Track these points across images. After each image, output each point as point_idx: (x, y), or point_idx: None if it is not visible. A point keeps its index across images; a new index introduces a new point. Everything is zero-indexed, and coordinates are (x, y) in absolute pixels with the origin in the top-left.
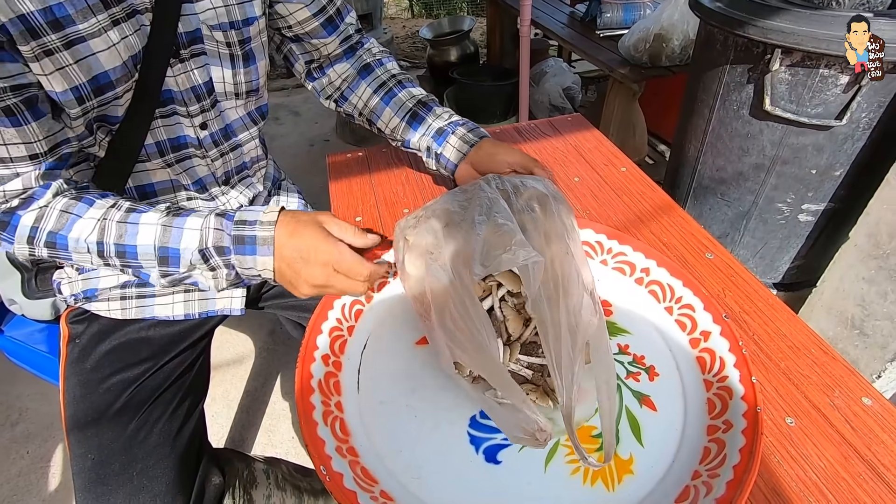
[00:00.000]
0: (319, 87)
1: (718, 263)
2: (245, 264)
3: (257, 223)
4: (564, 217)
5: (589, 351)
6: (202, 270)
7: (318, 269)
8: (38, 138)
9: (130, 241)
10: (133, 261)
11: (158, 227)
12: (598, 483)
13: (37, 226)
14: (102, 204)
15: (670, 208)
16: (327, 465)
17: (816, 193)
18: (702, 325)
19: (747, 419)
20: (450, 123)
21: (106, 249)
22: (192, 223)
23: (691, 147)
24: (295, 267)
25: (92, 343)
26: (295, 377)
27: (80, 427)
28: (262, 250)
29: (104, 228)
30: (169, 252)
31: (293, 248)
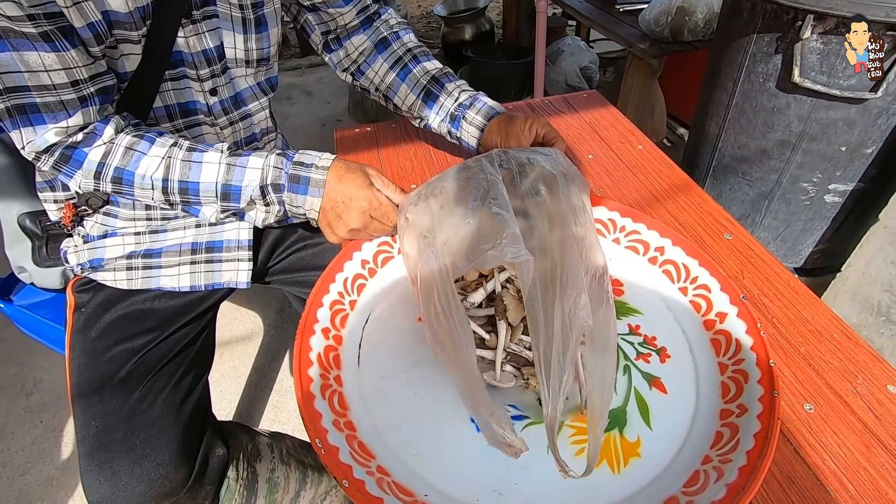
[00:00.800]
0: (336, 60)
1: (737, 244)
2: (295, 202)
3: (313, 167)
4: (574, 198)
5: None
6: (259, 205)
7: (357, 215)
8: (77, 64)
9: (194, 179)
10: (193, 197)
11: (222, 166)
12: (604, 465)
13: (104, 161)
14: (163, 142)
15: (688, 187)
16: (323, 438)
17: (845, 172)
18: (718, 306)
19: (763, 404)
20: (459, 106)
21: (170, 186)
22: (254, 162)
23: (712, 123)
24: (337, 210)
25: (97, 312)
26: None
27: (84, 395)
28: (313, 192)
29: (169, 166)
30: (231, 189)
31: (339, 193)
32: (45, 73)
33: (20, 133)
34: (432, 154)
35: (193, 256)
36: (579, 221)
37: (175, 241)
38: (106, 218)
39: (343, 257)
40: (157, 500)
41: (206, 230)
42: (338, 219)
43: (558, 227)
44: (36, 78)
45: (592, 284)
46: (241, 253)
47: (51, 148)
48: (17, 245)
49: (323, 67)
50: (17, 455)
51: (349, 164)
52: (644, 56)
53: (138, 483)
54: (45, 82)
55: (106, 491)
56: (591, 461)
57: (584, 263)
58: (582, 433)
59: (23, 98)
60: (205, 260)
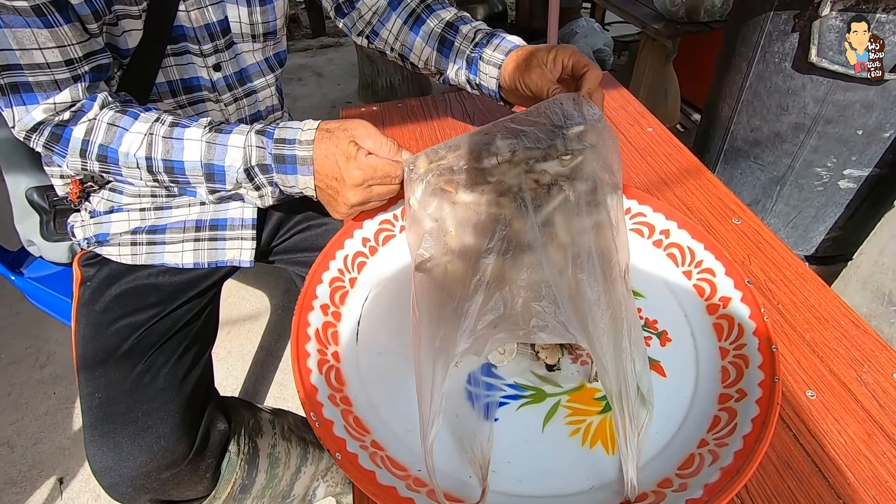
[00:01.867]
0: (350, 24)
1: (745, 229)
2: (287, 183)
3: (296, 143)
4: (611, 207)
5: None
6: (248, 189)
7: (353, 191)
8: (72, 42)
9: (178, 157)
10: (181, 177)
11: (203, 144)
12: (598, 445)
13: (88, 138)
14: (147, 117)
15: (698, 171)
16: (318, 412)
17: (861, 157)
18: (722, 290)
19: (763, 389)
20: (476, 47)
21: (154, 165)
22: (235, 140)
23: (725, 106)
24: (331, 190)
25: (102, 286)
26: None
27: (88, 367)
28: (303, 170)
29: (151, 143)
30: (214, 169)
31: (329, 170)
32: (39, 52)
33: (12, 111)
34: (438, 135)
35: (197, 234)
36: (614, 237)
37: (179, 218)
38: (112, 194)
39: (344, 234)
40: (159, 472)
41: (210, 208)
42: (334, 198)
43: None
44: (29, 56)
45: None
46: (244, 232)
47: (39, 126)
48: (26, 219)
49: (334, 49)
50: (30, 425)
51: (333, 132)
52: (658, 37)
53: (140, 454)
54: (39, 60)
55: (108, 461)
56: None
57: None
58: (578, 413)
59: (15, 77)
60: (208, 238)
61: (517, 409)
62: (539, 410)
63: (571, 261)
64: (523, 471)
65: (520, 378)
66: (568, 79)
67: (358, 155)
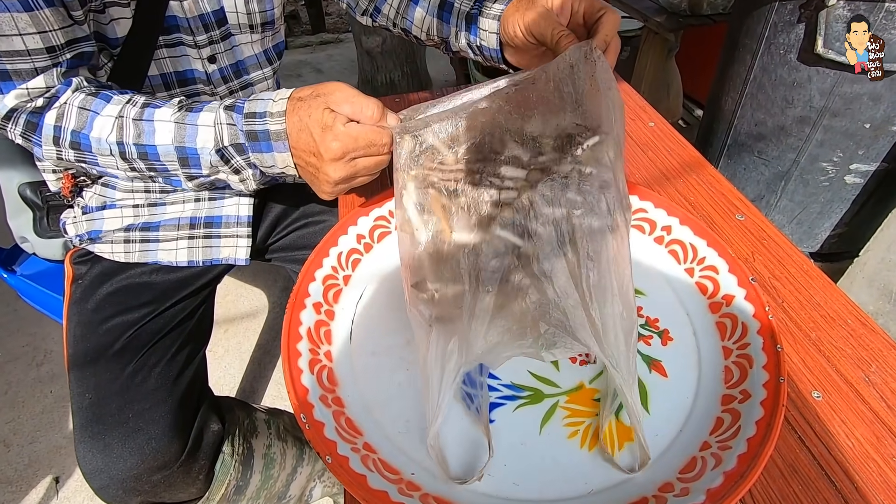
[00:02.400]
0: (353, 3)
1: (749, 225)
2: (265, 163)
3: (267, 115)
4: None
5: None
6: (227, 173)
7: (334, 166)
8: (53, 27)
9: (149, 141)
10: (157, 163)
11: (173, 125)
12: (597, 448)
13: (59, 125)
14: (119, 100)
15: (700, 166)
16: (308, 413)
17: (868, 151)
18: (725, 288)
19: (768, 390)
20: (475, 3)
21: (127, 151)
22: (205, 118)
23: (728, 99)
24: (311, 168)
25: (94, 284)
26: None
27: (79, 366)
28: (278, 146)
29: (122, 127)
30: (187, 152)
31: (304, 145)
32: (19, 38)
33: None
34: None
35: (192, 231)
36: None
37: (174, 215)
38: (104, 189)
39: (338, 231)
40: (150, 474)
41: (205, 205)
42: (315, 177)
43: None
44: (8, 42)
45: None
46: (240, 229)
47: (12, 114)
48: (18, 215)
49: (333, 45)
50: (27, 423)
51: (306, 100)
52: (660, 30)
53: (131, 456)
54: (18, 47)
55: (98, 463)
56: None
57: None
58: (577, 415)
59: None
60: (203, 235)
61: (514, 409)
62: (537, 411)
63: (584, 279)
64: (520, 473)
65: (517, 378)
66: (580, 27)
67: (335, 124)
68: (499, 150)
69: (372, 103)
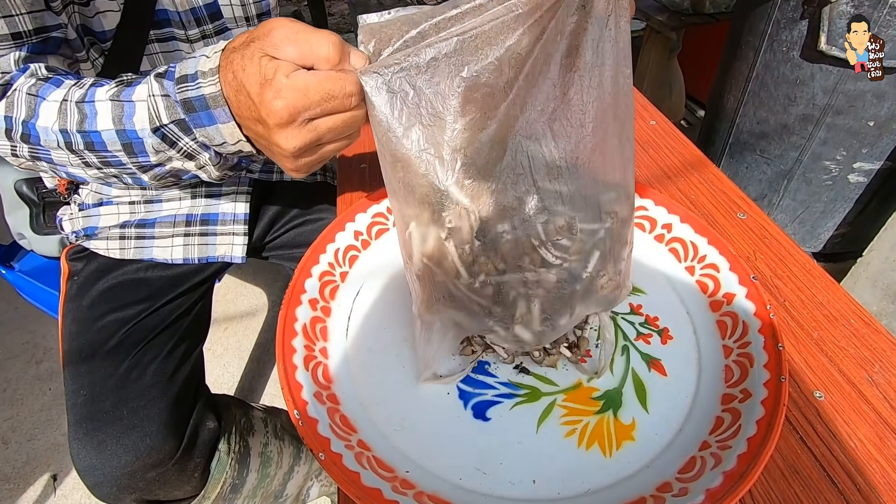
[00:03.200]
0: None
1: (751, 224)
2: (214, 140)
3: (198, 75)
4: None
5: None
6: (180, 160)
7: (284, 134)
8: (20, 11)
9: (92, 127)
10: (107, 154)
11: (109, 104)
12: (595, 447)
13: (10, 115)
14: (69, 83)
15: (702, 165)
16: (302, 410)
17: (872, 150)
18: (726, 286)
19: (769, 389)
20: None
21: (73, 141)
22: (140, 92)
23: (730, 98)
24: (262, 137)
25: (90, 281)
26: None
27: (74, 363)
28: (220, 115)
29: (66, 112)
30: (129, 136)
31: (245, 111)
32: None
33: None
34: None
35: (188, 228)
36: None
37: (170, 212)
38: (101, 186)
39: (335, 228)
40: (145, 471)
41: (201, 202)
42: (269, 150)
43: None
44: None
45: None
46: (236, 227)
47: None
48: (15, 211)
49: None
50: (25, 421)
51: (239, 48)
52: (662, 29)
53: (125, 453)
54: None
55: (92, 460)
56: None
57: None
58: (574, 413)
59: None
60: (199, 232)
61: (511, 408)
62: (533, 410)
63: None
64: (516, 473)
65: (514, 376)
66: None
67: (276, 76)
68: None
69: (325, 39)
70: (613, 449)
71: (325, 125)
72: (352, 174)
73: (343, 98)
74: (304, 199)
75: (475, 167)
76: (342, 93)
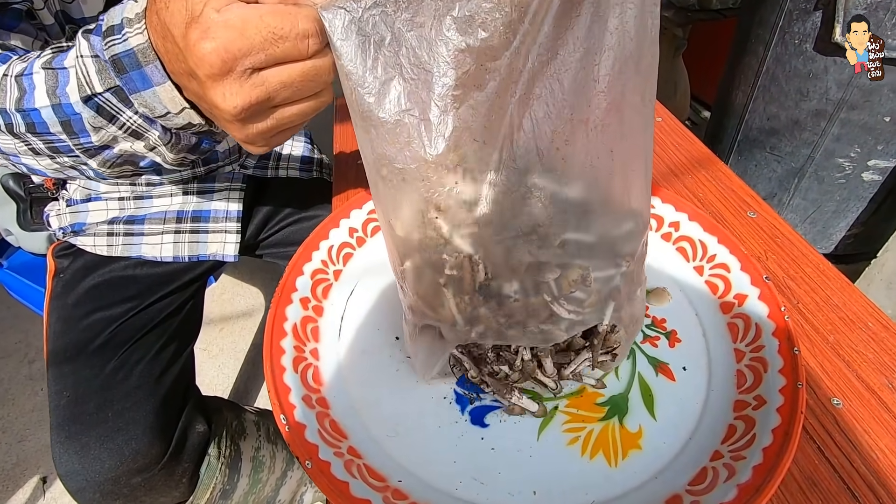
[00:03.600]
0: None
1: (761, 223)
2: (155, 110)
3: (124, 23)
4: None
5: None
6: (127, 140)
7: (219, 89)
8: None
9: (30, 104)
10: (53, 138)
11: (43, 74)
12: (599, 456)
13: None
14: (14, 58)
15: (710, 162)
16: (288, 414)
17: (888, 147)
18: (737, 287)
19: (784, 395)
20: None
21: (14, 122)
22: (70, 55)
23: (739, 93)
24: (198, 97)
25: (76, 278)
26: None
27: (57, 364)
28: (153, 73)
29: (4, 88)
30: (65, 110)
31: (175, 63)
32: None
33: None
34: None
35: (178, 225)
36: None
37: (160, 209)
38: (89, 181)
39: (328, 224)
40: (129, 476)
41: (193, 199)
42: (212, 113)
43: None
44: None
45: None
46: (228, 224)
47: None
48: (2, 207)
49: None
50: (16, 421)
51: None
52: (668, 25)
53: (109, 457)
54: None
55: (74, 464)
56: None
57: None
58: (577, 420)
59: None
60: (190, 230)
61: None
62: (531, 420)
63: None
64: (515, 483)
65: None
66: None
67: (204, 11)
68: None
69: None
70: (619, 458)
71: (275, 78)
72: (347, 171)
73: (295, 40)
74: (299, 197)
75: (470, 132)
76: (293, 32)
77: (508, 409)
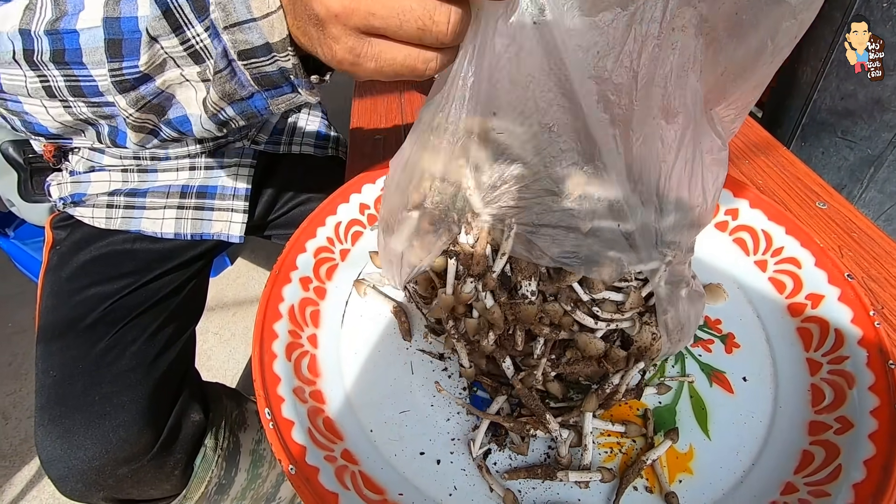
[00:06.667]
0: None
1: (834, 215)
2: (235, 15)
3: None
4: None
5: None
6: (180, 60)
7: (332, 28)
8: None
9: (70, 25)
10: (77, 69)
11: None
12: (640, 481)
13: None
14: None
15: (770, 147)
16: (275, 408)
17: None
18: (810, 285)
19: (879, 419)
20: None
21: (36, 49)
22: None
23: (807, 68)
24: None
25: (72, 251)
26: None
27: (46, 341)
28: None
29: (34, 8)
30: (122, 27)
31: None
32: None
33: None
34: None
35: (182, 200)
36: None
37: (165, 183)
38: (92, 153)
39: (337, 198)
40: (115, 466)
41: (200, 174)
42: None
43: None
44: None
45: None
46: (235, 203)
47: None
48: (2, 176)
49: None
50: (28, 397)
51: None
52: None
53: (93, 444)
54: None
55: (56, 450)
56: None
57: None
58: (614, 434)
59: None
60: (194, 206)
61: None
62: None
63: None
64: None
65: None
66: None
67: None
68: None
69: None
70: (665, 484)
71: (387, 54)
72: (364, 146)
73: (427, 21)
74: (311, 175)
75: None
76: (426, 14)
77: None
